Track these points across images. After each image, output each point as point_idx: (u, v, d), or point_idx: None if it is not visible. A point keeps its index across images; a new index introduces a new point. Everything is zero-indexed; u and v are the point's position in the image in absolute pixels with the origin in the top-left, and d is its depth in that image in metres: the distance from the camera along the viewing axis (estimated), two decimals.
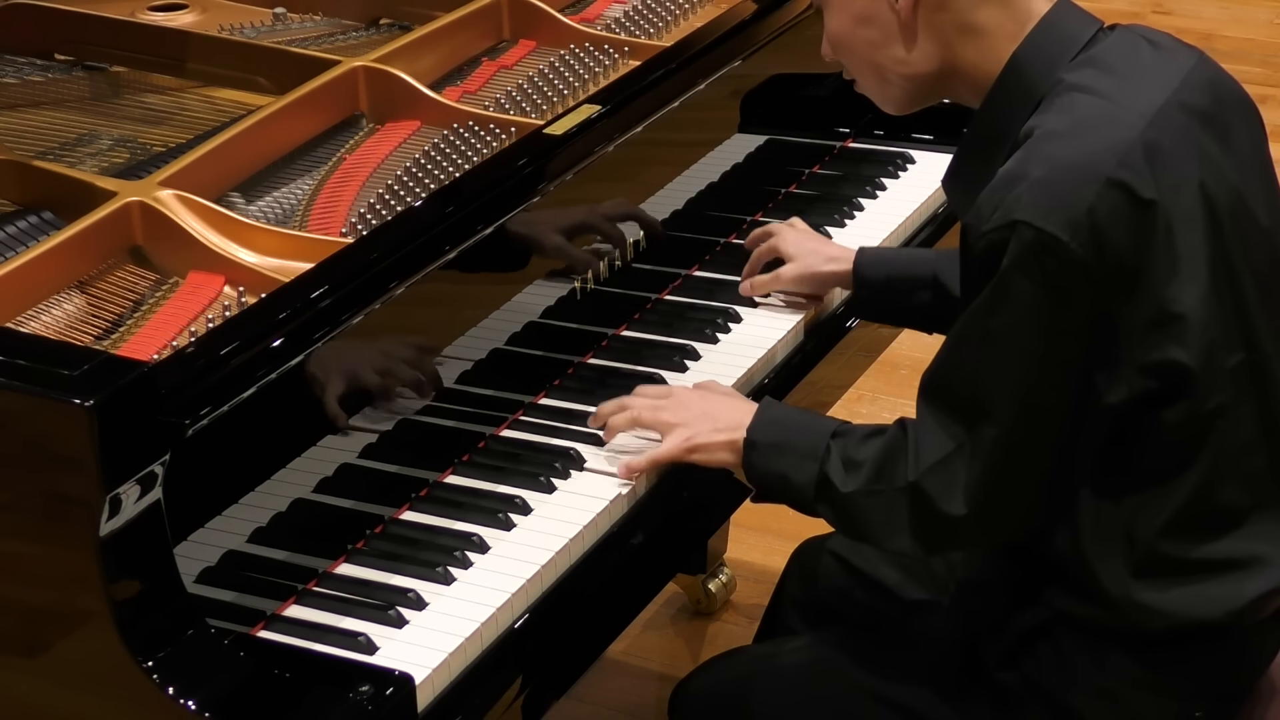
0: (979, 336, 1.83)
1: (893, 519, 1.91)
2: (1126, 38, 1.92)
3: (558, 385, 2.23)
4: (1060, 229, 1.75)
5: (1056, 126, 1.82)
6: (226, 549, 1.83)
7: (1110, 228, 1.76)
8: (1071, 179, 1.77)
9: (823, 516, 1.99)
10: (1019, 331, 1.80)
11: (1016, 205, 1.77)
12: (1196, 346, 1.81)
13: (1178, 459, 1.85)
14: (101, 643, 1.66)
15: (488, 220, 2.08)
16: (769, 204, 2.69)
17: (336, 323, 1.88)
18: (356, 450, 1.97)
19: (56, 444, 1.64)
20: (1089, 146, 1.79)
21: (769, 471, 1.99)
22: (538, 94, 2.42)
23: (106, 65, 2.50)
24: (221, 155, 2.17)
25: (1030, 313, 1.79)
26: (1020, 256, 1.77)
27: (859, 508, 1.93)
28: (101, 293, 2.00)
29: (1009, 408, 1.82)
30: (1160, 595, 1.87)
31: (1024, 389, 1.81)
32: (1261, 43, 5.44)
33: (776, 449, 1.98)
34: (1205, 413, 1.83)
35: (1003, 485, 1.85)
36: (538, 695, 1.90)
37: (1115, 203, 1.77)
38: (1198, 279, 1.81)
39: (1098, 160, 1.78)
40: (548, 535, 1.96)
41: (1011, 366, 1.81)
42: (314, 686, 1.71)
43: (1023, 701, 1.96)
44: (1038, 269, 1.77)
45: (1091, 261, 1.76)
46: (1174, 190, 1.80)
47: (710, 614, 3.22)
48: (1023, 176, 1.78)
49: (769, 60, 2.64)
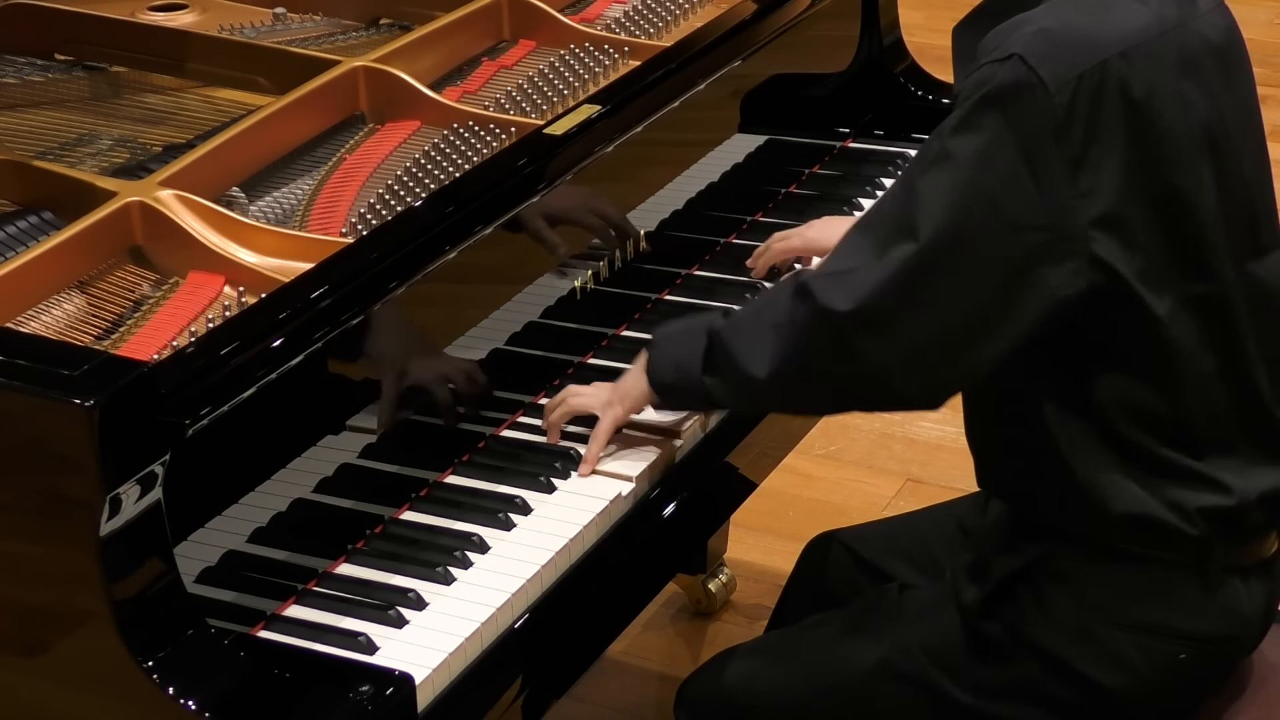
0: (934, 156, 1.82)
1: (763, 337, 1.88)
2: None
3: (558, 385, 2.23)
4: (1049, 77, 1.78)
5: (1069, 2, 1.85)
6: (226, 549, 1.83)
7: (1090, 104, 1.79)
8: (1076, 42, 1.80)
9: (712, 394, 1.97)
10: (977, 164, 1.79)
11: (1018, 41, 1.80)
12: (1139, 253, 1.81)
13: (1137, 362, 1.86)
14: (101, 643, 1.66)
15: (488, 220, 2.08)
16: (769, 204, 2.69)
17: (336, 323, 1.88)
18: (356, 450, 1.97)
19: (56, 444, 1.64)
20: (1104, 25, 1.82)
21: (666, 363, 2.01)
22: (538, 94, 2.42)
23: (106, 65, 2.50)
24: (221, 155, 2.17)
25: (992, 145, 1.79)
26: (1003, 87, 1.79)
27: (730, 342, 1.92)
28: (101, 293, 2.00)
29: (934, 230, 1.79)
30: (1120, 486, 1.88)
31: (957, 217, 1.79)
32: (1261, 43, 5.45)
33: (672, 340, 2.02)
34: (1155, 318, 1.84)
35: (899, 301, 1.81)
36: (538, 695, 1.90)
37: (1105, 83, 1.79)
38: (1154, 191, 1.82)
39: (1106, 40, 1.81)
40: (548, 535, 1.96)
41: (953, 191, 1.80)
42: (314, 686, 1.71)
43: (1012, 654, 1.98)
44: (1014, 108, 1.78)
45: (1064, 122, 1.78)
46: (1163, 99, 1.82)
47: (710, 614, 3.22)
48: (1031, 22, 1.82)
49: (769, 60, 2.64)
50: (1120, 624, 1.94)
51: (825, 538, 2.42)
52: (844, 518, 3.09)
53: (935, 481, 3.52)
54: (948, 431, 3.67)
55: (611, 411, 2.08)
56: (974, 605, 2.00)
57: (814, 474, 3.59)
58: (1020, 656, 1.98)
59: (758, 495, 2.40)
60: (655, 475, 2.08)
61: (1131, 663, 1.95)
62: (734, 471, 2.24)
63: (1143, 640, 1.94)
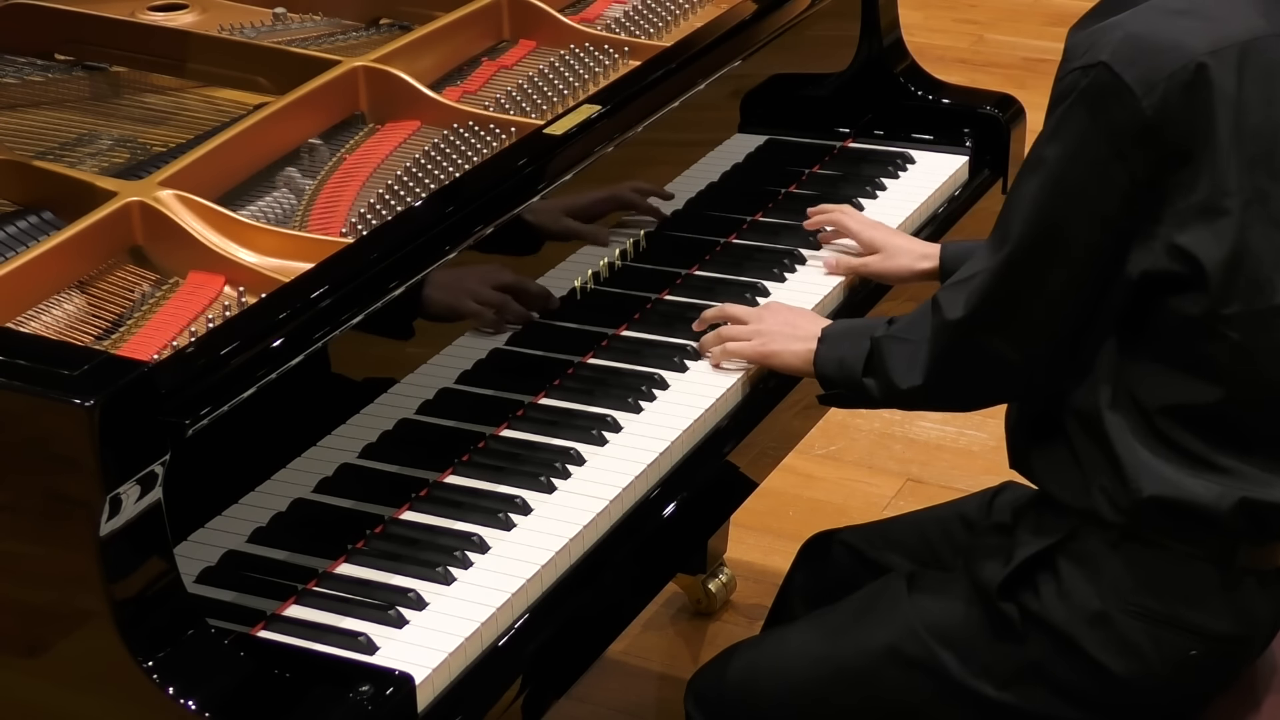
0: (1032, 163, 1.90)
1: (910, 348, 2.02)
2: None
3: (558, 385, 2.23)
4: (1135, 81, 1.81)
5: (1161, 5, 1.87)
6: (226, 549, 1.83)
7: (1181, 102, 1.82)
8: (1164, 45, 1.83)
9: (869, 392, 2.08)
10: (1066, 164, 1.86)
11: (1105, 48, 1.83)
12: (1221, 249, 1.84)
13: (1195, 356, 1.89)
14: (101, 643, 1.66)
15: (488, 220, 2.08)
16: (769, 204, 2.69)
17: (336, 323, 1.88)
18: (356, 450, 1.97)
19: (56, 444, 1.64)
20: (1194, 27, 1.85)
21: (830, 358, 2.13)
22: (538, 94, 2.42)
23: (106, 65, 2.50)
24: (221, 155, 2.17)
25: (1082, 150, 1.85)
26: (1091, 93, 1.83)
27: (886, 352, 2.04)
28: (101, 293, 2.00)
29: (1029, 229, 1.89)
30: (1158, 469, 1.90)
31: (1050, 217, 1.88)
32: None
33: (841, 337, 2.15)
34: (1220, 317, 1.86)
35: (1000, 299, 1.93)
36: (538, 695, 1.90)
37: (1195, 83, 1.82)
38: (1246, 188, 1.85)
39: (1195, 41, 1.83)
40: (548, 535, 1.96)
41: (1047, 194, 1.88)
42: (314, 686, 1.71)
43: (1023, 633, 1.99)
44: (1103, 111, 1.83)
45: (1154, 124, 1.82)
46: (1255, 100, 1.85)
47: (710, 614, 3.22)
48: (1120, 25, 1.85)
49: (769, 60, 2.64)
50: (1136, 612, 1.95)
51: (823, 536, 2.42)
52: (844, 518, 3.09)
53: (935, 481, 3.52)
54: (947, 431, 3.67)
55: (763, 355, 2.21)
56: (993, 585, 2.01)
57: (814, 474, 3.59)
58: (1032, 636, 1.99)
59: (758, 495, 2.40)
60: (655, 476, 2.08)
61: (1142, 652, 1.96)
62: (734, 471, 2.24)
63: (1156, 631, 1.95)
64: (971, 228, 2.73)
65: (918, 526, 2.33)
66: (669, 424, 2.15)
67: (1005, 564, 2.01)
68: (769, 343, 2.22)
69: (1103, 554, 1.96)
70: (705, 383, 2.24)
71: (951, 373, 2.03)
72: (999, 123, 2.82)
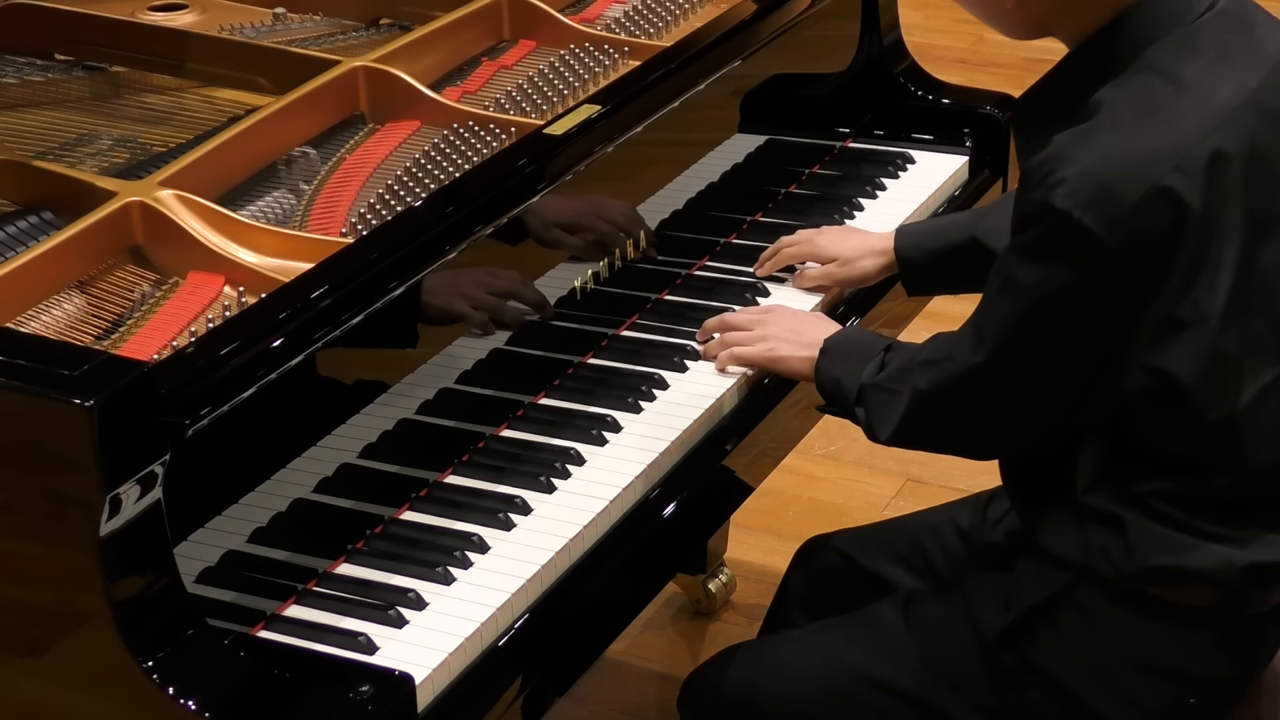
0: (1003, 277, 1.86)
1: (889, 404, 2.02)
2: (1232, 14, 1.87)
3: (558, 385, 2.23)
4: (1097, 223, 1.75)
5: (1121, 114, 1.80)
6: (226, 549, 1.83)
7: (1149, 229, 1.76)
8: (1121, 177, 1.76)
9: (859, 421, 2.08)
10: (1033, 291, 1.83)
11: (1058, 190, 1.76)
12: (1198, 359, 1.81)
13: (1187, 456, 1.87)
14: (101, 643, 1.66)
15: (488, 220, 2.08)
16: (769, 204, 2.69)
17: (337, 323, 1.88)
18: (356, 450, 1.97)
19: (56, 444, 1.64)
20: (1147, 145, 1.78)
21: (829, 376, 2.13)
22: (538, 94, 2.42)
23: (106, 65, 2.50)
24: (221, 155, 2.17)
25: (1049, 281, 1.82)
26: (1053, 238, 1.79)
27: (870, 399, 2.04)
28: (101, 293, 2.00)
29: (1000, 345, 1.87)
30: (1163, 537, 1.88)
31: (1025, 340, 1.86)
32: None
33: (841, 356, 2.13)
34: (1205, 423, 1.84)
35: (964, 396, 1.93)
36: (538, 695, 1.90)
37: (1159, 209, 1.76)
38: (1218, 292, 1.80)
39: (1151, 162, 1.76)
40: (548, 535, 1.96)
41: (1016, 313, 1.85)
42: (314, 686, 1.71)
43: (1021, 682, 1.97)
44: (1065, 255, 1.79)
45: (1123, 259, 1.77)
46: (1223, 200, 1.79)
47: (710, 614, 3.22)
48: (1072, 162, 1.77)
49: (769, 60, 2.64)
50: (1137, 666, 1.93)
51: (817, 542, 2.41)
52: (844, 518, 3.10)
53: (935, 481, 3.52)
54: None
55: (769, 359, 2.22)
56: (993, 634, 1.99)
57: (814, 474, 3.59)
58: (1030, 685, 1.97)
59: (758, 495, 2.40)
60: (655, 476, 2.08)
61: (1143, 703, 1.95)
62: (734, 472, 2.24)
63: (1158, 683, 1.94)
64: None
65: (912, 533, 2.32)
66: (669, 424, 2.15)
67: (1004, 611, 1.98)
68: (776, 348, 2.21)
69: (1103, 609, 1.93)
70: (705, 383, 2.24)
71: (918, 439, 2.07)
72: (999, 123, 2.82)
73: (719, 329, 2.29)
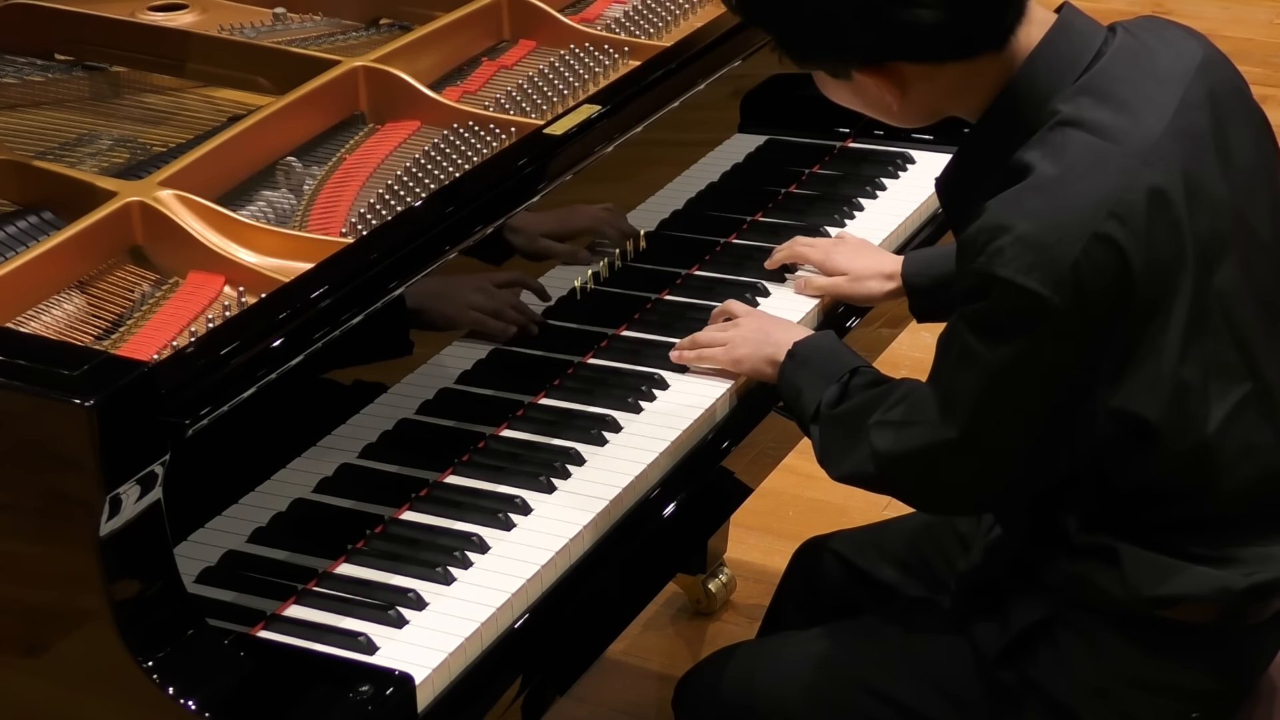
0: (959, 348, 1.83)
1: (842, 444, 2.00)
2: (1130, 47, 1.86)
3: (558, 385, 2.23)
4: (1041, 284, 1.73)
5: (1046, 173, 1.77)
6: (226, 549, 1.83)
7: (1094, 281, 1.74)
8: (1056, 235, 1.73)
9: (811, 438, 2.06)
10: (993, 364, 1.80)
11: (998, 259, 1.74)
12: (1161, 396, 1.80)
13: (1168, 488, 1.86)
14: (101, 643, 1.66)
15: (488, 220, 2.08)
16: (769, 204, 2.69)
17: (336, 323, 1.88)
18: (356, 450, 1.97)
19: (56, 444, 1.64)
20: (1077, 197, 1.75)
21: (791, 383, 2.11)
22: (538, 94, 2.42)
23: (106, 65, 2.50)
24: (221, 155, 2.17)
25: (1010, 357, 1.79)
26: (1002, 309, 1.76)
27: (827, 430, 2.02)
28: (101, 293, 2.00)
29: (968, 423, 1.84)
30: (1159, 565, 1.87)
31: (984, 413, 1.83)
32: (1261, 43, 5.44)
33: (805, 365, 2.11)
34: (1178, 453, 1.83)
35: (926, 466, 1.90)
36: (538, 695, 1.90)
37: (1100, 256, 1.74)
38: (1173, 326, 1.79)
39: (1085, 214, 1.74)
40: (548, 535, 1.96)
41: (979, 389, 1.82)
42: (314, 686, 1.71)
43: (1021, 700, 1.96)
44: (1019, 324, 1.76)
45: (1073, 315, 1.75)
46: (1165, 236, 1.77)
47: (710, 614, 3.22)
48: (1007, 229, 1.74)
49: (769, 60, 2.61)
50: (1137, 684, 1.93)
51: (815, 544, 2.41)
52: (844, 518, 3.09)
53: None
54: None
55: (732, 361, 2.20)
56: (992, 652, 1.98)
57: (814, 474, 3.54)
58: (1029, 703, 1.96)
59: (758, 495, 2.40)
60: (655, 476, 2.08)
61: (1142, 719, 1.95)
62: (734, 472, 2.24)
63: (1158, 700, 1.93)
64: None
65: (910, 535, 2.31)
66: (669, 424, 2.15)
67: (1003, 629, 1.97)
68: (736, 348, 2.20)
69: (1104, 628, 1.92)
70: (705, 383, 2.24)
71: (873, 488, 2.03)
72: None
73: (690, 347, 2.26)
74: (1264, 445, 1.87)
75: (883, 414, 1.93)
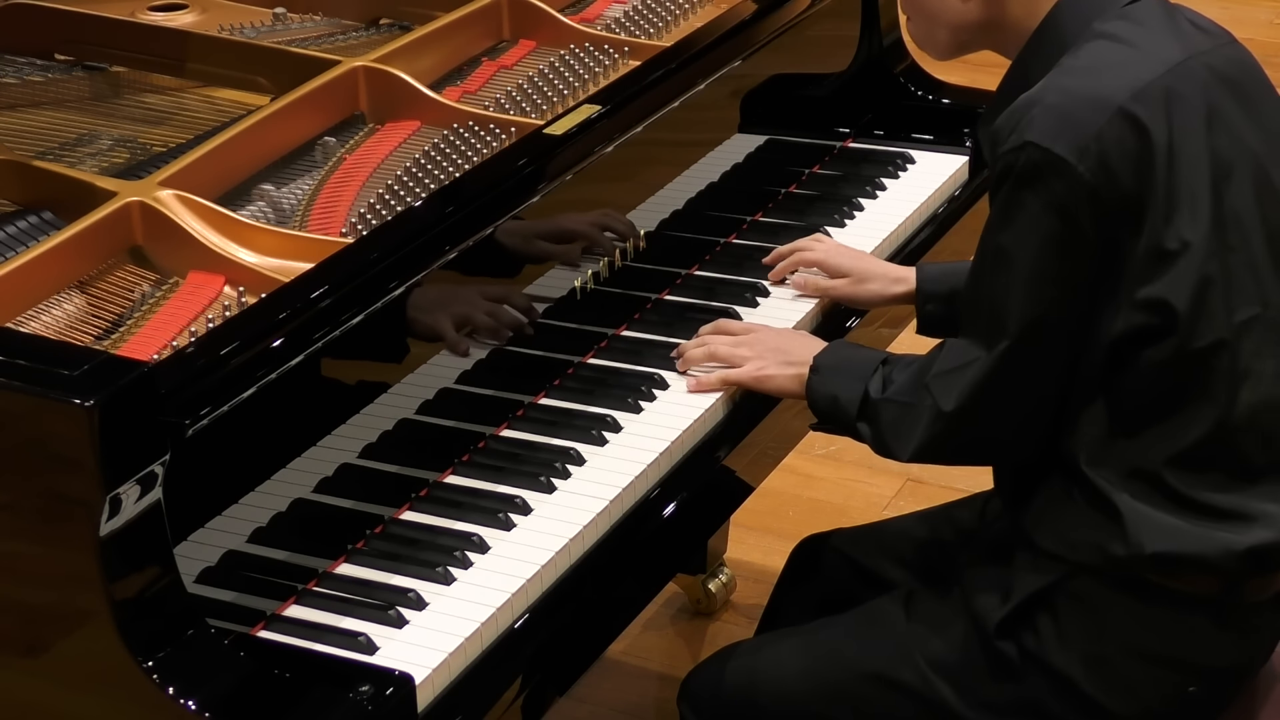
0: (992, 254, 1.90)
1: (904, 421, 1.99)
2: (1164, 6, 1.96)
3: (558, 385, 2.23)
4: (1067, 151, 1.82)
5: (1076, 64, 1.89)
6: (226, 549, 1.83)
7: (1116, 156, 1.83)
8: (1083, 105, 1.84)
9: (862, 436, 2.06)
10: (1027, 248, 1.86)
11: (1028, 127, 1.84)
12: (1187, 285, 1.85)
13: (1178, 398, 1.88)
14: (101, 643, 1.66)
15: (488, 220, 2.08)
16: (769, 204, 2.69)
17: (336, 323, 1.88)
18: (356, 450, 1.97)
19: (56, 444, 1.64)
20: (1105, 80, 1.86)
21: (824, 393, 2.11)
22: (538, 94, 2.42)
23: (106, 65, 2.50)
24: (221, 155, 2.17)
25: (1037, 231, 1.85)
26: (1028, 176, 1.84)
27: (881, 414, 2.02)
28: (101, 293, 2.00)
29: (1018, 321, 1.88)
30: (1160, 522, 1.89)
31: (1036, 308, 1.87)
32: (1261, 43, 5.45)
33: (834, 372, 2.11)
34: (1195, 351, 1.86)
35: (996, 394, 1.92)
36: (538, 695, 1.90)
37: (1123, 133, 1.83)
38: (1198, 220, 1.85)
39: (1111, 91, 1.85)
40: (548, 535, 1.96)
41: (1019, 282, 1.87)
42: (314, 686, 1.71)
43: (1021, 673, 1.98)
44: (1044, 189, 1.83)
45: (1097, 185, 1.82)
46: (1184, 133, 1.86)
47: (710, 614, 3.22)
48: (1037, 101, 1.86)
49: (769, 60, 2.64)
50: (1136, 654, 1.94)
51: (815, 540, 2.41)
52: (844, 518, 3.10)
53: (935, 481, 3.52)
54: None
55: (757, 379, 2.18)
56: (992, 623, 1.99)
57: (814, 474, 3.59)
58: (1030, 675, 1.98)
59: (758, 495, 2.40)
60: (656, 476, 2.08)
61: (1142, 692, 1.95)
62: (734, 472, 2.24)
63: (1156, 672, 1.95)
64: (973, 225, 2.73)
65: (912, 533, 2.32)
66: (669, 424, 2.15)
67: (1003, 601, 1.99)
68: (764, 368, 2.18)
69: (1102, 596, 1.94)
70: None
71: (942, 454, 2.05)
72: None
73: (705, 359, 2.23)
74: (1265, 375, 1.90)
75: (936, 369, 1.96)
